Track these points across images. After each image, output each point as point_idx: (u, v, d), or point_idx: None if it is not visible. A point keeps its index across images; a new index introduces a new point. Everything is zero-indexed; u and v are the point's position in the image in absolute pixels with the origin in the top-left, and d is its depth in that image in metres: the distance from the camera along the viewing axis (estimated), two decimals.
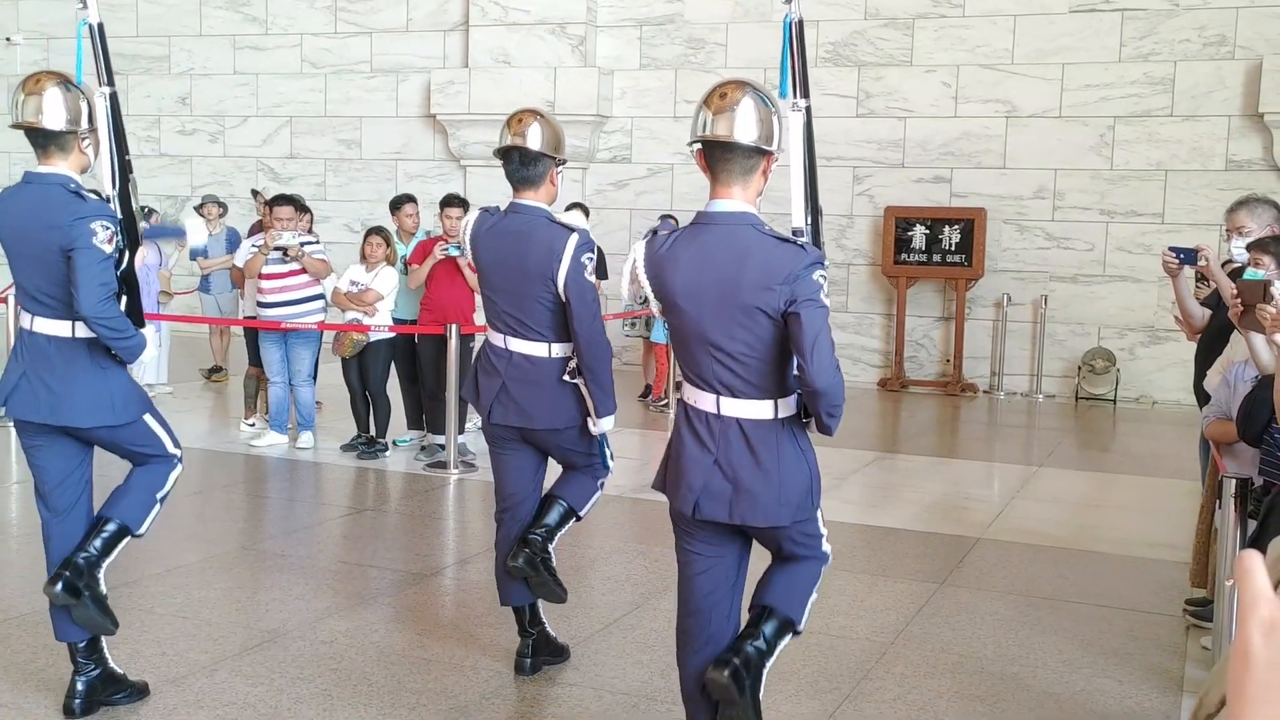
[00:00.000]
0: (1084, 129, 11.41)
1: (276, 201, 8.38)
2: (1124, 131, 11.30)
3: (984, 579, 5.71)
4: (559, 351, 4.10)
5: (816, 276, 2.91)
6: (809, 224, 3.25)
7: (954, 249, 11.61)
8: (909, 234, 11.75)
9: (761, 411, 3.02)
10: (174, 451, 3.99)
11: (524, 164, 4.13)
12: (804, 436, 3.11)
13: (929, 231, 11.69)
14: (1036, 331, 11.61)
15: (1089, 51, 11.36)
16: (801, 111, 3.27)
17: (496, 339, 4.18)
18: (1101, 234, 11.43)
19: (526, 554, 4.14)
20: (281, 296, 8.16)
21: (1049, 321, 11.57)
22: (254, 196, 11.10)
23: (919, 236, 11.72)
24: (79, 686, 3.89)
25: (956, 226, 11.60)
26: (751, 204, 3.06)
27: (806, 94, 3.31)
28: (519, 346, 4.12)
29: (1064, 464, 8.62)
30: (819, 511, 3.23)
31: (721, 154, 3.02)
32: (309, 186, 14.13)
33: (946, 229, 11.63)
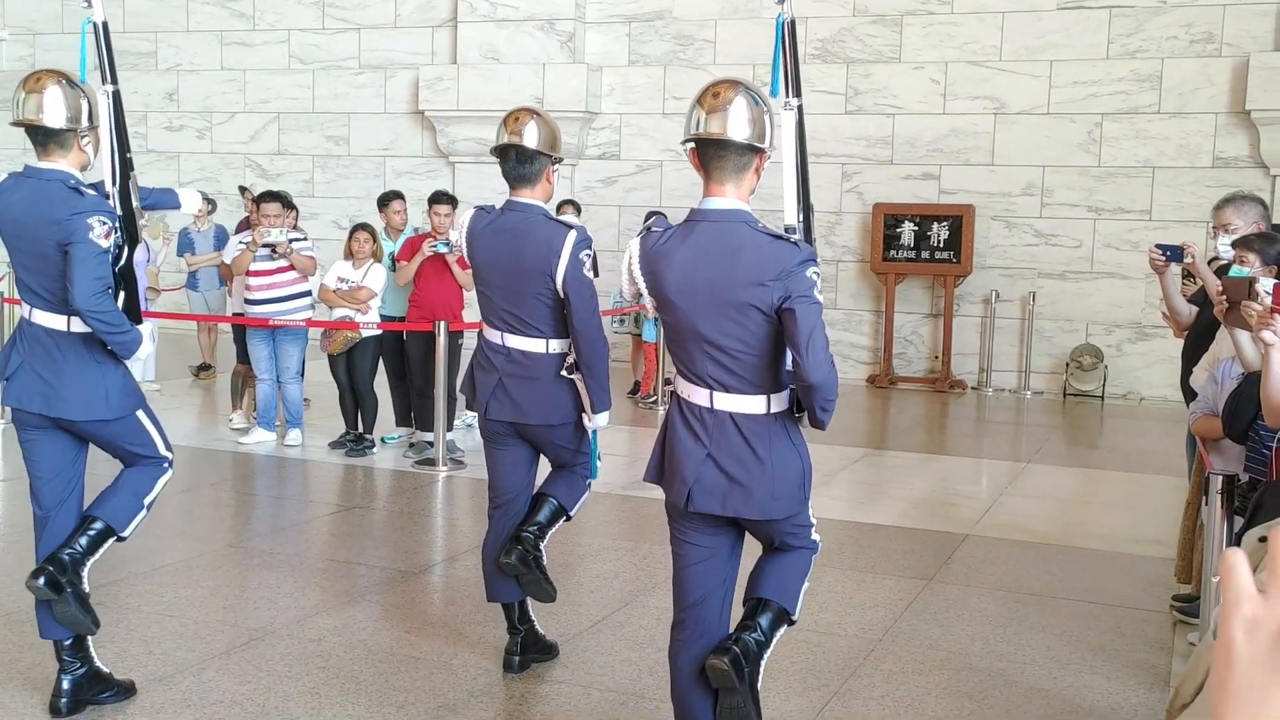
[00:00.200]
0: (1072, 126, 11.43)
1: (263, 198, 8.35)
2: (1111, 128, 11.33)
3: (972, 575, 5.72)
4: (556, 347, 4.13)
5: (810, 273, 2.95)
6: (801, 221, 3.29)
7: (942, 246, 11.62)
8: (897, 231, 11.77)
9: (754, 406, 3.05)
10: (165, 454, 4.00)
11: (521, 162, 4.16)
12: (796, 431, 3.15)
13: (917, 228, 11.70)
14: (1024, 328, 11.63)
15: (1077, 48, 11.38)
16: (794, 110, 3.32)
17: (493, 335, 4.20)
18: (1089, 231, 11.46)
19: (519, 551, 4.16)
20: (269, 294, 8.14)
21: (1037, 318, 11.59)
22: (241, 194, 11.05)
23: (907, 233, 11.74)
24: (65, 685, 3.88)
25: (945, 223, 11.61)
26: (744, 201, 3.10)
27: (799, 93, 3.37)
28: (516, 343, 4.14)
29: (1052, 460, 8.65)
30: (810, 532, 3.27)
31: (715, 152, 3.05)
32: (297, 183, 14.09)
33: (935, 226, 11.64)
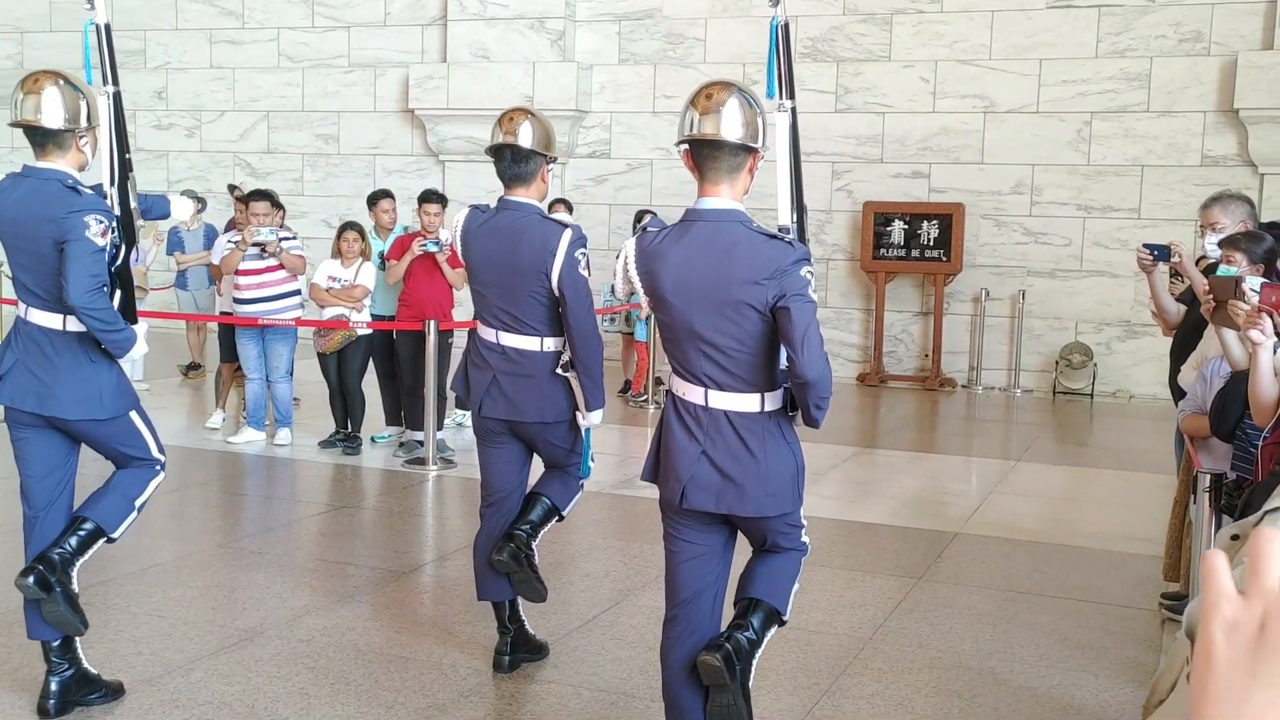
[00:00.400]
0: (1061, 124, 11.45)
1: (252, 197, 8.33)
2: (1101, 127, 11.35)
3: (962, 574, 5.73)
4: (551, 345, 4.16)
5: (804, 272, 2.99)
6: (794, 222, 3.33)
7: (932, 244, 11.64)
8: (887, 229, 11.78)
9: (749, 404, 3.09)
10: (158, 456, 4.01)
11: (516, 161, 4.19)
12: (790, 429, 3.17)
13: (907, 226, 11.71)
14: (1014, 326, 11.65)
15: (1066, 47, 11.40)
16: (788, 112, 3.36)
17: (488, 334, 4.22)
18: (1078, 229, 11.48)
19: (511, 549, 4.17)
20: (259, 293, 8.12)
21: (1027, 316, 11.61)
22: (230, 192, 11.02)
23: (897, 231, 11.75)
24: (53, 687, 3.87)
25: (935, 221, 11.63)
26: (739, 201, 3.14)
27: (792, 95, 3.41)
28: (511, 341, 4.16)
29: (1041, 459, 8.66)
30: (800, 533, 3.30)
31: (709, 153, 3.09)
32: (287, 181, 14.06)
33: (925, 224, 11.66)
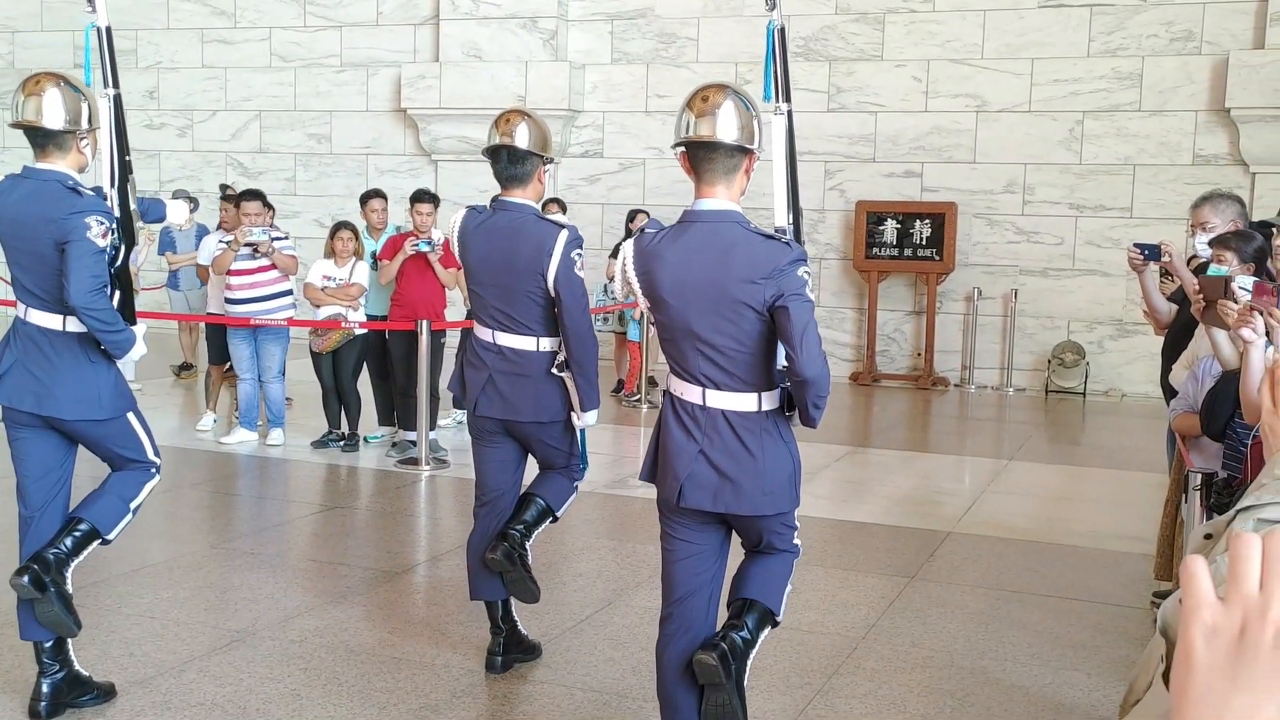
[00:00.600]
0: (1053, 123, 11.47)
1: (244, 196, 8.32)
2: (1092, 126, 11.37)
3: (954, 573, 5.74)
4: (547, 345, 4.18)
5: (801, 272, 3.03)
6: (790, 222, 3.38)
7: (925, 243, 11.65)
8: (880, 228, 11.79)
9: (746, 404, 3.12)
10: (153, 459, 4.03)
11: (512, 162, 4.22)
12: (787, 429, 3.21)
13: (900, 226, 11.73)
14: (1007, 325, 11.67)
15: (1058, 46, 11.42)
16: (784, 115, 3.42)
17: (484, 334, 4.24)
18: (1071, 228, 11.50)
19: (505, 547, 4.19)
20: (251, 293, 8.10)
21: (1019, 315, 11.63)
22: (222, 191, 10.98)
23: (890, 231, 11.76)
24: (44, 689, 3.86)
25: (927, 221, 11.64)
26: (735, 202, 3.18)
27: (789, 98, 3.47)
28: (507, 341, 4.18)
29: (1034, 457, 8.68)
30: (794, 534, 3.34)
31: (705, 154, 3.14)
32: (279, 181, 14.04)
33: (917, 223, 11.67)
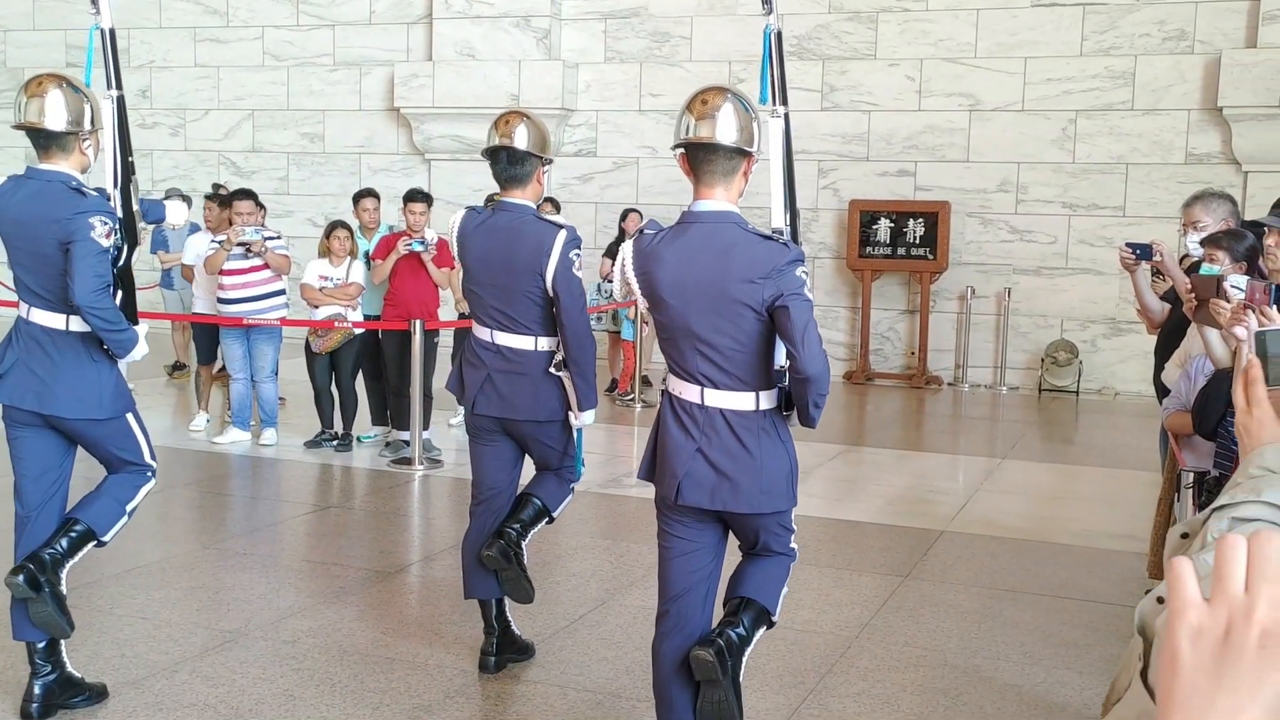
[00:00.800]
0: (1046, 122, 11.48)
1: (236, 196, 8.30)
2: (1085, 125, 11.38)
3: (948, 572, 5.74)
4: (545, 345, 4.20)
5: (799, 272, 3.08)
6: (787, 223, 3.42)
7: (918, 242, 11.65)
8: (874, 227, 11.79)
9: (744, 403, 3.16)
10: (150, 462, 4.04)
11: (511, 163, 4.25)
12: (785, 429, 3.25)
13: (893, 225, 11.73)
14: (1000, 324, 11.68)
15: (1051, 45, 11.43)
16: (781, 118, 3.46)
17: (483, 333, 4.27)
18: (1064, 227, 11.51)
19: (501, 545, 4.20)
20: (244, 292, 8.09)
21: (1012, 314, 11.64)
22: (215, 191, 10.95)
23: (883, 230, 11.76)
24: (36, 690, 3.86)
25: (920, 220, 11.64)
26: (734, 204, 3.22)
27: (785, 101, 3.52)
28: (506, 340, 4.21)
29: (1027, 456, 8.69)
30: (790, 537, 3.37)
31: (704, 156, 3.18)
32: (272, 180, 14.02)
33: (911, 222, 11.67)
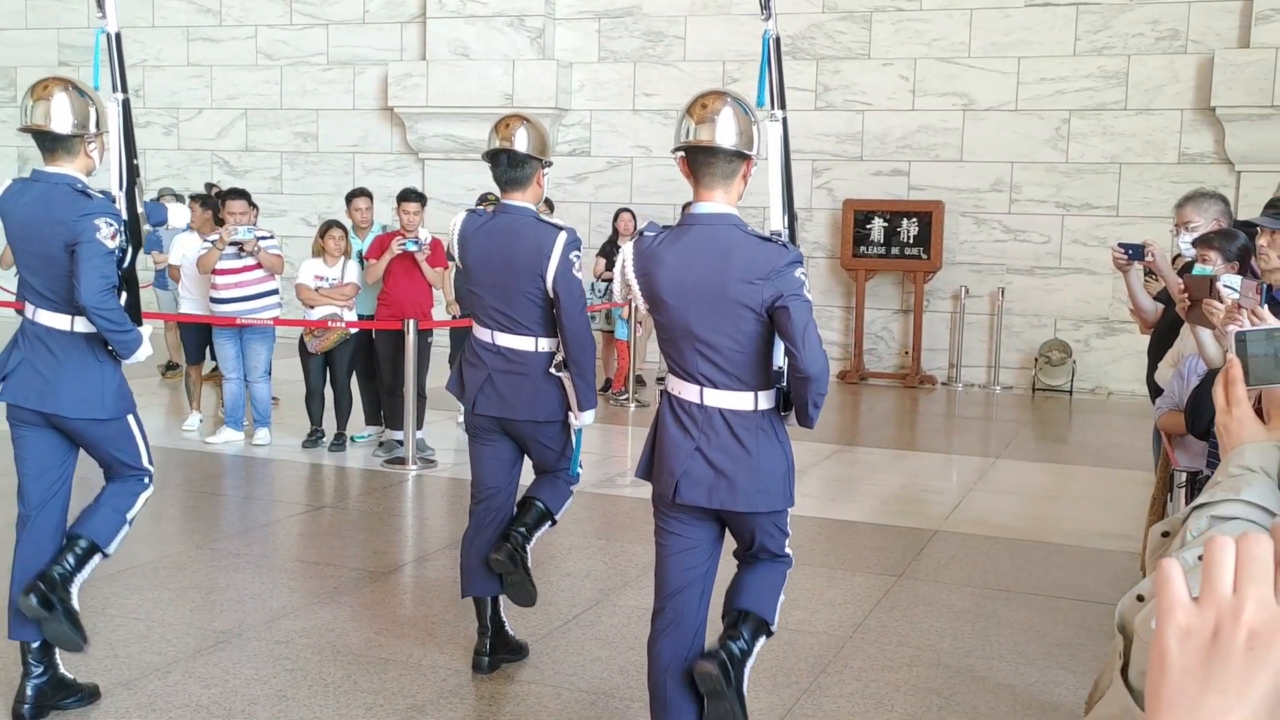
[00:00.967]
0: (1040, 122, 11.50)
1: (229, 195, 8.28)
2: (1079, 125, 11.40)
3: (941, 571, 5.75)
4: (545, 346, 4.23)
5: (798, 274, 3.12)
6: (785, 226, 3.46)
7: (912, 242, 11.66)
8: (867, 227, 11.80)
9: (743, 403, 3.19)
10: (147, 466, 4.06)
11: (512, 166, 4.29)
12: (782, 429, 3.28)
13: (887, 224, 11.74)
14: (994, 324, 11.70)
15: (1044, 45, 11.44)
16: (779, 122, 3.51)
17: (483, 334, 4.29)
18: (1057, 226, 11.53)
19: (508, 549, 4.25)
20: (236, 292, 8.07)
21: (1006, 314, 11.65)
22: (207, 190, 10.92)
23: (877, 229, 11.77)
24: (28, 691, 3.85)
25: (914, 219, 11.65)
26: (733, 206, 3.26)
27: (784, 105, 3.56)
28: (506, 341, 4.24)
29: (1021, 455, 8.70)
30: (785, 541, 3.40)
31: (704, 159, 3.22)
32: (265, 180, 14.00)
33: (905, 222, 11.68)
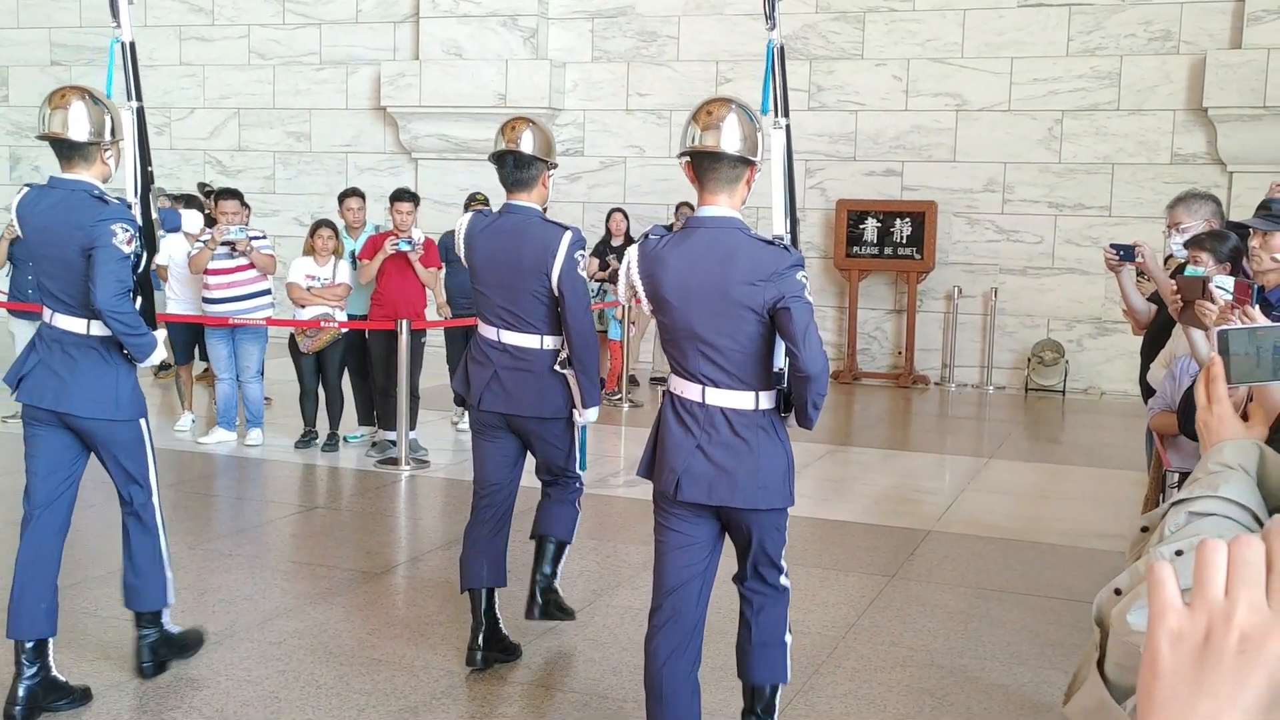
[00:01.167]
0: (1032, 122, 11.51)
1: (222, 195, 8.26)
2: (1072, 125, 11.41)
3: (934, 572, 5.75)
4: (550, 344, 4.29)
5: (799, 276, 3.19)
6: (787, 230, 3.54)
7: (905, 242, 11.68)
8: (861, 227, 11.81)
9: (744, 402, 3.26)
10: (152, 481, 4.13)
11: (518, 167, 4.34)
12: (782, 428, 3.35)
13: (880, 224, 11.75)
14: (987, 324, 11.71)
15: (1037, 45, 11.46)
16: (782, 130, 3.59)
17: (489, 332, 4.35)
18: (1050, 227, 11.54)
19: (540, 608, 4.52)
20: (229, 292, 8.05)
21: (999, 314, 11.67)
22: (200, 190, 10.91)
23: (871, 229, 11.78)
24: (20, 692, 3.84)
25: (908, 219, 11.67)
26: (736, 210, 3.33)
27: (787, 113, 3.64)
28: (512, 339, 4.30)
29: (1014, 456, 8.71)
30: (783, 549, 3.46)
31: (709, 164, 3.29)
32: (258, 179, 13.98)
33: (898, 222, 11.69)
